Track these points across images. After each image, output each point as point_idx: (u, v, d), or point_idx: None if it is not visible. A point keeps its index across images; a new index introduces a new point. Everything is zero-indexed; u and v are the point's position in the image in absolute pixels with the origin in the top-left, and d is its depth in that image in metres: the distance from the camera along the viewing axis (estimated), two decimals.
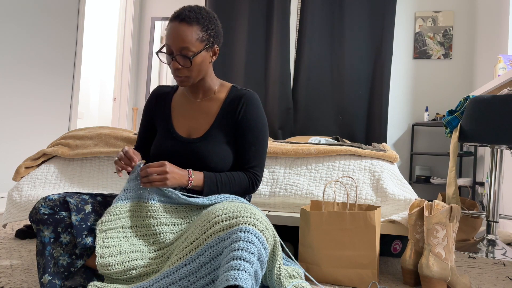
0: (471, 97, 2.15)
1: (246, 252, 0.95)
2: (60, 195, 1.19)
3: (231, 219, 1.03)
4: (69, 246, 1.16)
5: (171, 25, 1.30)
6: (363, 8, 4.13)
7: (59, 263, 1.14)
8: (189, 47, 1.27)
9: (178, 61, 1.30)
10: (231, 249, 0.98)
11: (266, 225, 1.05)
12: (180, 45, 1.27)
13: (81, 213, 1.19)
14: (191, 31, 1.28)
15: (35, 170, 2.03)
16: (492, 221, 2.25)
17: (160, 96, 1.49)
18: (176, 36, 1.27)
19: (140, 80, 4.78)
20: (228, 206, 1.08)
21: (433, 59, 4.15)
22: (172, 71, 1.33)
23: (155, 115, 1.48)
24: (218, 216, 1.06)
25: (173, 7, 4.70)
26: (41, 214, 1.14)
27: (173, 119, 1.43)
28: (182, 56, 1.28)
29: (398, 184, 1.80)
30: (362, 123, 4.11)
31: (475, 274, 1.74)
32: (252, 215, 1.04)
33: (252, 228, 1.00)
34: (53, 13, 3.28)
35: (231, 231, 1.01)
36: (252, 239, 0.98)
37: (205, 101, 1.43)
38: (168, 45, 1.30)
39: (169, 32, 1.30)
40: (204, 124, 1.40)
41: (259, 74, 4.32)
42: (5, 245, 1.86)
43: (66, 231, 1.16)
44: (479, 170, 3.64)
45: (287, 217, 1.74)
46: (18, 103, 2.98)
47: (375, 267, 1.45)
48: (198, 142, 1.36)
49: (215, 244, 1.03)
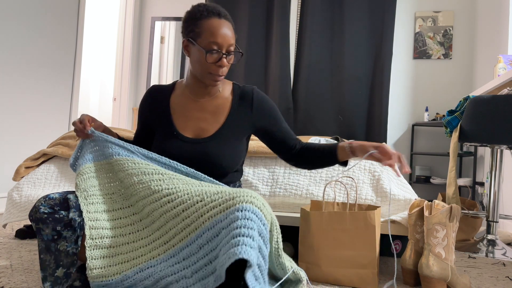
0: (471, 97, 2.15)
1: (245, 228, 0.95)
2: (61, 194, 1.20)
3: (228, 201, 1.03)
4: (73, 237, 1.17)
5: (216, 22, 1.26)
6: (363, 8, 4.13)
7: (70, 252, 1.15)
8: (234, 43, 1.30)
9: (230, 58, 1.30)
10: (230, 229, 0.98)
11: (263, 203, 1.05)
12: (231, 41, 1.28)
13: (80, 210, 1.19)
14: (232, 28, 1.30)
15: (35, 170, 2.03)
16: (492, 221, 2.25)
17: (155, 97, 1.43)
18: (227, 32, 1.27)
19: (140, 80, 4.78)
20: (223, 190, 1.08)
21: (433, 59, 4.15)
22: (215, 70, 1.28)
23: (151, 116, 1.43)
24: (214, 200, 1.06)
25: (173, 7, 4.70)
26: (40, 213, 1.14)
27: (175, 121, 1.38)
28: (235, 53, 1.30)
29: (398, 184, 1.80)
30: (362, 123, 4.11)
31: (475, 274, 1.74)
32: (249, 194, 1.03)
33: (249, 206, 1.00)
34: (53, 13, 3.28)
35: (228, 212, 1.01)
36: (250, 216, 0.98)
37: (210, 100, 1.39)
38: (219, 43, 1.25)
39: (216, 29, 1.25)
40: (214, 123, 1.37)
41: (259, 74, 4.31)
42: (5, 245, 1.86)
43: (66, 229, 1.16)
44: (479, 170, 3.63)
45: (287, 217, 1.74)
46: (18, 103, 2.98)
47: (375, 267, 1.45)
48: (208, 141, 1.34)
49: (212, 226, 1.03)
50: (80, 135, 1.28)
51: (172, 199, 1.12)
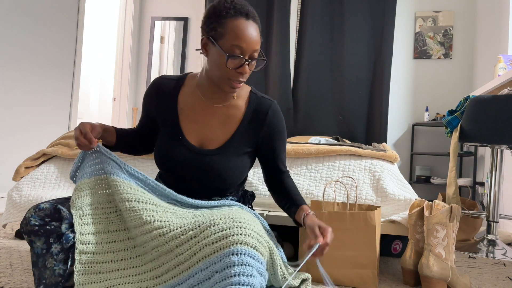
0: (471, 97, 2.15)
1: (244, 276, 0.92)
2: (52, 203, 1.12)
3: (221, 240, 0.97)
4: (60, 255, 1.11)
5: (243, 24, 1.14)
6: (363, 8, 4.13)
7: (56, 272, 1.09)
8: (259, 49, 1.17)
9: (253, 64, 1.18)
10: (225, 275, 0.93)
11: (258, 238, 1.00)
12: (256, 47, 1.16)
13: (72, 223, 1.13)
14: (258, 31, 1.18)
15: (35, 170, 2.03)
16: (492, 221, 2.24)
17: (162, 91, 1.31)
18: (254, 36, 1.15)
19: (140, 80, 4.78)
20: (218, 222, 1.02)
21: (433, 59, 4.14)
22: (235, 76, 1.17)
23: (157, 111, 1.32)
24: (207, 237, 1.00)
25: (173, 7, 4.70)
26: (31, 225, 1.08)
27: (181, 123, 1.28)
28: (259, 60, 1.19)
29: (398, 184, 1.80)
30: (362, 123, 4.11)
31: (475, 274, 1.74)
32: (243, 231, 0.98)
33: (244, 249, 0.95)
34: (53, 13, 3.28)
35: (221, 254, 0.96)
36: (247, 261, 0.94)
37: (223, 108, 1.28)
38: (244, 48, 1.14)
39: (242, 32, 1.13)
40: (221, 134, 1.27)
41: (259, 74, 4.31)
42: (5, 245, 1.86)
43: (58, 241, 1.10)
44: (479, 170, 3.63)
45: (287, 217, 1.74)
46: (18, 103, 2.98)
47: (375, 267, 1.45)
48: (214, 155, 1.25)
49: (205, 267, 0.99)
50: (83, 148, 1.18)
51: (164, 232, 1.06)
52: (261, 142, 1.32)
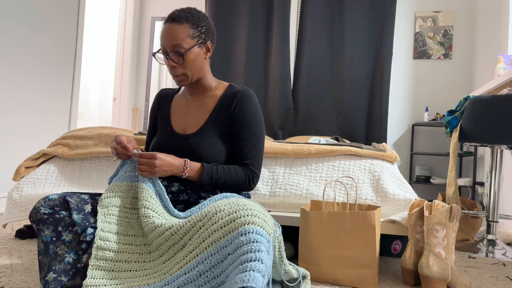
0: (471, 97, 2.15)
1: (252, 253, 0.96)
2: (60, 195, 1.20)
3: (229, 224, 1.03)
4: (73, 243, 1.16)
5: (164, 27, 1.36)
6: (363, 8, 4.13)
7: (65, 260, 1.14)
8: (180, 44, 1.32)
9: (172, 58, 1.35)
10: (237, 255, 0.97)
11: (264, 218, 1.05)
12: (172, 42, 1.32)
13: (81, 213, 1.20)
14: (181, 29, 1.33)
15: (35, 170, 2.03)
16: (492, 221, 2.25)
17: (162, 99, 1.55)
18: (168, 35, 1.33)
19: (140, 80, 4.78)
20: (223, 208, 1.07)
21: (433, 59, 4.15)
22: (169, 71, 1.37)
23: (157, 117, 1.53)
24: (215, 223, 1.06)
25: (173, 7, 4.70)
26: (41, 213, 1.15)
27: (171, 117, 1.48)
28: (175, 53, 1.33)
29: (398, 184, 1.80)
30: (362, 123, 4.11)
31: (475, 274, 1.74)
32: (249, 212, 1.03)
33: (251, 227, 1.00)
34: (53, 13, 3.28)
35: (231, 237, 1.01)
36: (255, 238, 0.98)
37: (202, 98, 1.46)
38: (162, 46, 1.35)
39: (162, 33, 1.36)
40: (199, 120, 1.43)
41: (259, 74, 4.32)
42: (5, 245, 1.86)
43: (67, 230, 1.16)
44: (479, 170, 3.64)
45: (287, 217, 1.74)
46: (18, 103, 2.98)
47: (375, 267, 1.45)
48: (192, 137, 1.39)
49: (216, 252, 1.02)
50: (121, 157, 1.30)
51: (176, 230, 1.13)
52: (231, 125, 1.41)
